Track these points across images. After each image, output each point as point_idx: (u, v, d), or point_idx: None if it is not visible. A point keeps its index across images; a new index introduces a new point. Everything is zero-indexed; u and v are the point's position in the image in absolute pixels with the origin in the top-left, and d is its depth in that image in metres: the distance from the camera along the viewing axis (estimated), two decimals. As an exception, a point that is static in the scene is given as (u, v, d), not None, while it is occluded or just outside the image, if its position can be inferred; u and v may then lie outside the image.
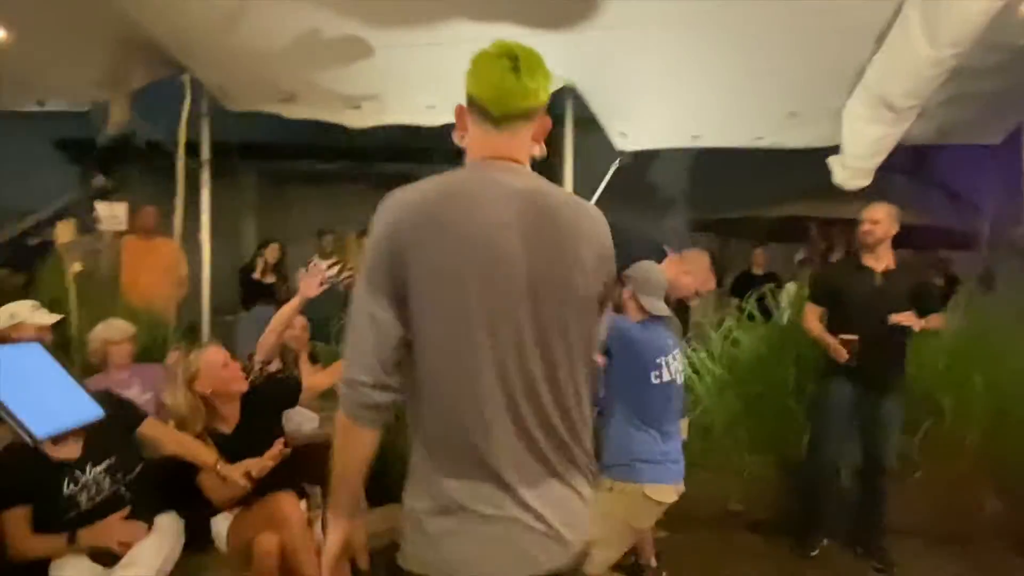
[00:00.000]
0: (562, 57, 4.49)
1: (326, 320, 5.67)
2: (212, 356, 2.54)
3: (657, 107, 4.75)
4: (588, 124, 5.01)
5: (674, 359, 2.48)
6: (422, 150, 8.43)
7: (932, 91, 3.86)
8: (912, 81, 3.78)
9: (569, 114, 5.05)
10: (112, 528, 2.13)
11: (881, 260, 3.41)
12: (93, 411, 2.11)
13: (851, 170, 4.52)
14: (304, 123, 5.11)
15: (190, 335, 4.75)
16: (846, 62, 4.03)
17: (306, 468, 2.75)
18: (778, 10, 3.75)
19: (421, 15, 4.07)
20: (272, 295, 6.02)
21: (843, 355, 3.27)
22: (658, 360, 2.42)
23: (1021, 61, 3.93)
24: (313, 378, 2.88)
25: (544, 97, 1.24)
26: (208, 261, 5.24)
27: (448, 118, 5.08)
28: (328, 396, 3.39)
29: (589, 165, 5.05)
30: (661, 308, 2.48)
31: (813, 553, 3.54)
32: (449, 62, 4.47)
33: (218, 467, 2.32)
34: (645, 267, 2.55)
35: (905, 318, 3.20)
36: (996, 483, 3.76)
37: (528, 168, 1.25)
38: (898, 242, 3.48)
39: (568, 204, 1.23)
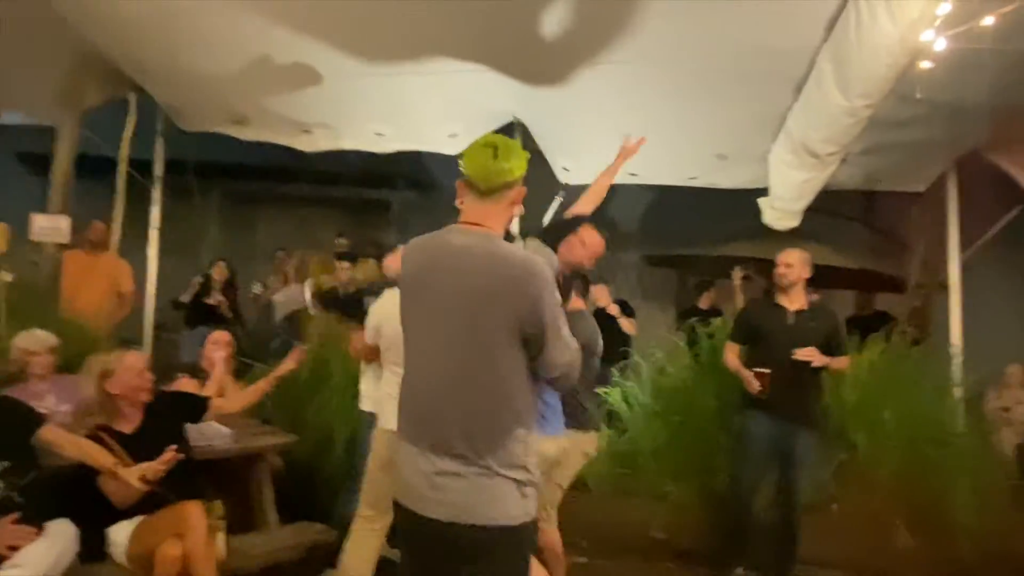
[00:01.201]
0: (509, 95, 4.68)
1: (264, 339, 5.70)
2: (132, 360, 2.61)
3: (596, 144, 4.91)
4: (537, 158, 5.17)
5: None
6: (385, 176, 8.63)
7: (852, 139, 4.05)
8: (830, 129, 3.98)
9: (517, 147, 5.22)
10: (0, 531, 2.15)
11: (794, 301, 3.56)
12: None
13: (779, 212, 4.74)
14: (268, 144, 5.21)
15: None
16: (769, 108, 4.25)
17: (211, 480, 2.80)
18: (707, 55, 3.97)
19: (373, 46, 4.23)
20: (216, 315, 6.02)
21: (755, 387, 3.40)
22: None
23: (937, 114, 4.15)
24: (224, 402, 2.95)
25: (518, 175, 1.69)
26: (154, 278, 5.29)
27: (398, 146, 5.20)
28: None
29: (540, 198, 5.21)
30: None
31: (728, 581, 3.61)
32: (398, 92, 4.71)
33: (115, 470, 2.35)
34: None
35: (807, 353, 3.34)
36: (908, 516, 3.87)
37: (490, 229, 1.67)
38: (831, 282, 3.64)
39: (485, 253, 1.63)
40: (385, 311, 2.72)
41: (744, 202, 5.19)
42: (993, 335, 5.32)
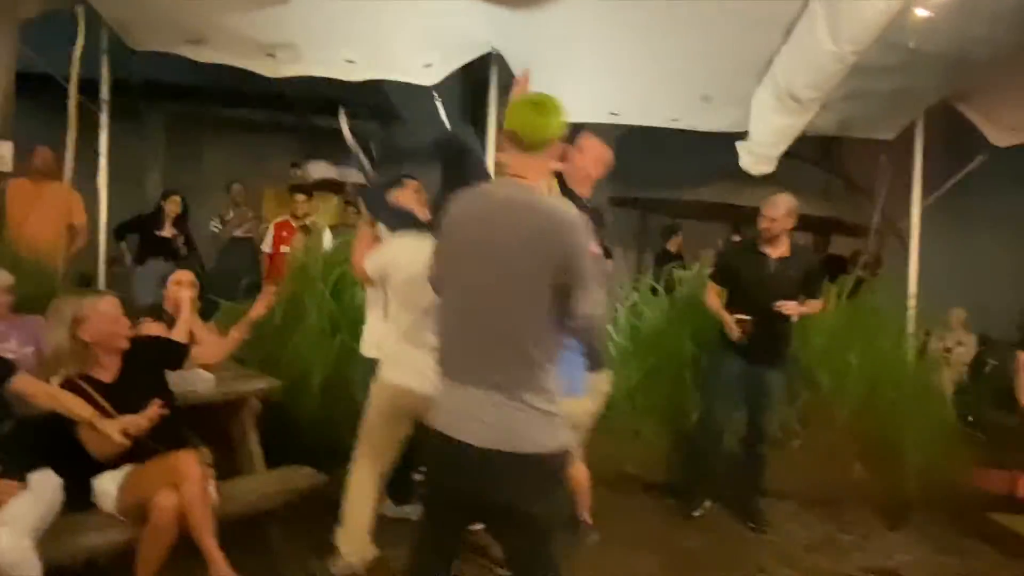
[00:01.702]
0: (488, 23, 4.47)
1: (235, 275, 5.50)
2: (106, 306, 2.47)
3: (578, 81, 4.76)
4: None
5: None
6: (345, 103, 8.23)
7: (834, 85, 4.06)
8: (815, 74, 3.97)
9: (494, 81, 5.03)
10: None
11: (777, 248, 3.61)
12: None
13: (756, 156, 4.74)
14: (214, 65, 4.84)
15: (82, 286, 4.51)
16: (756, 51, 4.19)
17: (197, 428, 2.72)
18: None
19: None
20: (170, 250, 5.75)
21: (736, 333, 3.47)
22: None
23: (917, 63, 4.18)
24: (203, 352, 2.82)
25: (558, 132, 1.80)
26: (105, 209, 4.96)
27: (369, 74, 4.93)
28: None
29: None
30: None
31: (696, 513, 3.79)
32: (372, 17, 4.42)
33: (94, 422, 2.26)
34: None
35: (789, 307, 3.43)
36: (863, 452, 4.12)
37: (532, 181, 1.77)
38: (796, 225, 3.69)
39: (525, 205, 1.72)
40: (393, 259, 2.61)
41: (712, 145, 5.19)
42: (942, 279, 5.58)
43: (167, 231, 5.65)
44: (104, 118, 4.74)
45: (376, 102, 8.26)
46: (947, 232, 6.20)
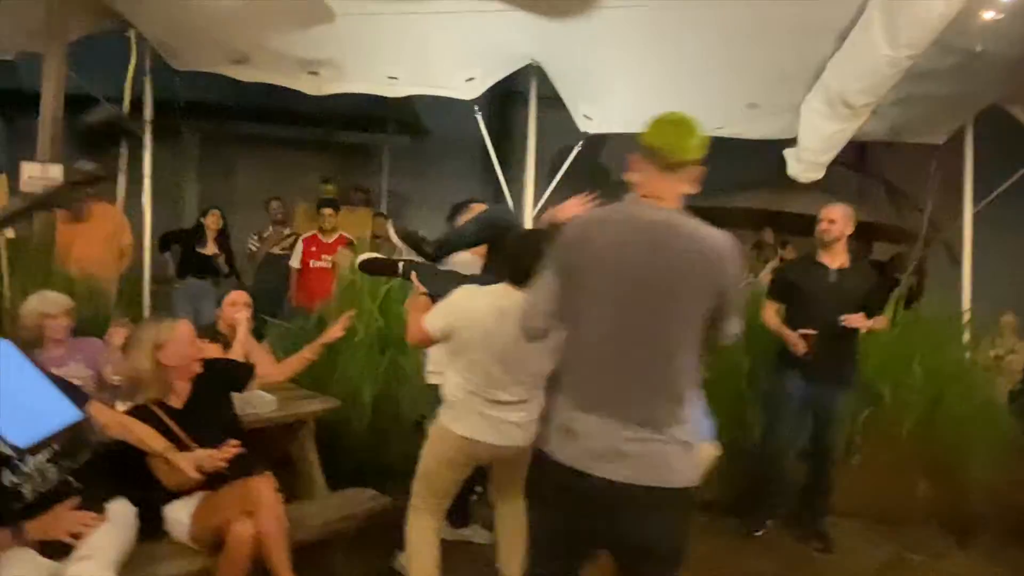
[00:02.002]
0: (529, 36, 4.44)
1: (275, 293, 5.49)
2: (183, 330, 2.45)
3: (622, 91, 4.74)
4: (553, 102, 4.97)
5: None
6: (376, 120, 8.26)
7: (887, 90, 3.98)
8: (869, 80, 3.88)
9: (533, 93, 5.00)
10: (61, 519, 2.00)
11: (836, 258, 3.51)
12: (71, 413, 1.96)
13: (805, 163, 4.65)
14: (252, 84, 4.85)
15: (132, 307, 4.52)
16: (807, 58, 4.12)
17: (258, 451, 2.68)
18: (744, 3, 3.79)
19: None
20: (211, 268, 5.75)
21: (801, 348, 3.37)
22: None
23: (970, 66, 4.08)
24: (269, 369, 2.79)
25: (700, 154, 1.71)
26: (149, 229, 4.99)
27: (412, 90, 4.91)
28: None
29: (553, 143, 5.04)
30: None
31: (758, 533, 3.68)
32: (413, 32, 4.41)
33: (168, 455, 2.22)
34: None
35: (856, 320, 3.32)
36: (927, 468, 3.99)
37: (668, 204, 1.70)
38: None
39: (683, 232, 1.66)
40: (462, 312, 2.42)
41: (756, 152, 5.11)
42: (990, 285, 5.44)
43: (209, 248, 5.66)
44: (148, 139, 4.76)
45: (402, 117, 8.31)
46: (993, 237, 6.06)
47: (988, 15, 3.28)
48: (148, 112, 4.77)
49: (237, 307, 3.37)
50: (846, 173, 6.83)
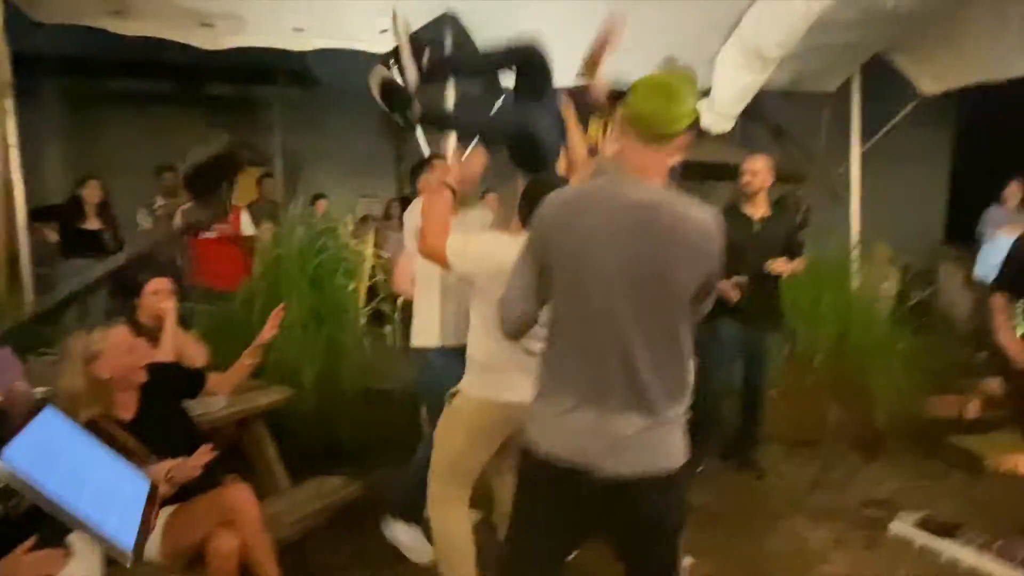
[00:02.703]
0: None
1: (175, 270, 5.02)
2: (118, 338, 2.20)
3: (545, 42, 4.62)
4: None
5: None
6: (262, 70, 7.60)
7: (797, 42, 4.16)
8: (785, 32, 4.04)
9: (448, 44, 4.78)
10: (20, 564, 1.77)
11: (759, 208, 3.71)
12: (142, 484, 1.72)
13: (718, 115, 4.81)
14: (110, 32, 4.25)
15: (12, 296, 4.00)
16: (725, 10, 4.20)
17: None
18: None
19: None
20: (96, 244, 5.17)
21: (733, 296, 3.56)
22: None
23: (865, 18, 4.35)
24: (219, 380, 2.56)
25: (689, 121, 1.56)
26: (23, 205, 4.38)
27: (321, 43, 4.55)
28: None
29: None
30: None
31: (699, 470, 3.93)
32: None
33: None
34: None
35: (780, 266, 3.56)
36: (836, 393, 4.41)
37: (653, 179, 1.58)
38: (725, 175, 3.78)
39: (672, 213, 1.56)
40: (478, 255, 2.19)
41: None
42: (865, 220, 5.96)
43: (92, 222, 5.05)
44: (9, 103, 4.13)
45: (289, 66, 7.71)
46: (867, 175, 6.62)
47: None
48: (6, 71, 4.12)
49: (161, 295, 3.06)
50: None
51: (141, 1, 3.94)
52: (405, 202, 7.74)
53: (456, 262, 2.19)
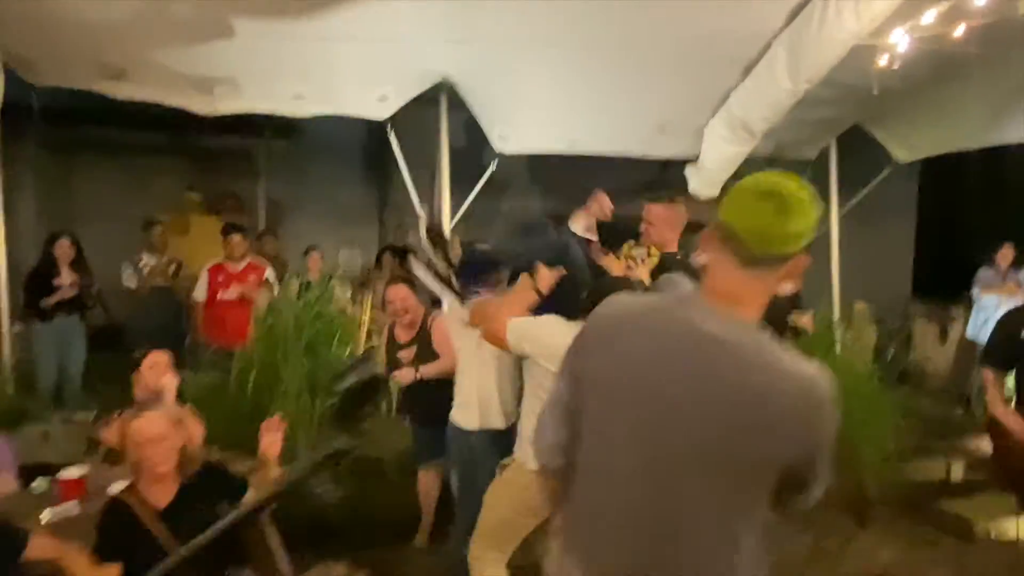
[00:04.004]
0: (443, 53, 4.30)
1: (163, 330, 4.89)
2: (146, 427, 2.12)
3: (536, 109, 4.74)
4: (470, 124, 4.89)
5: None
6: (248, 122, 7.57)
7: (782, 117, 4.33)
8: (771, 109, 4.22)
9: (443, 111, 4.85)
10: None
11: None
12: None
13: (705, 181, 4.97)
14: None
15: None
16: (715, 86, 4.38)
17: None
18: (659, 34, 3.94)
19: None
20: (74, 301, 5.01)
21: None
22: None
23: (846, 95, 4.56)
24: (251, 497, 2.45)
25: (807, 240, 1.18)
26: (4, 261, 4.28)
27: (320, 109, 4.57)
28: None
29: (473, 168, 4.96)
30: None
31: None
32: (322, 50, 4.10)
33: None
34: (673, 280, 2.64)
35: (806, 321, 3.64)
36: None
37: (744, 311, 1.20)
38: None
39: (749, 362, 1.15)
40: (535, 337, 2.29)
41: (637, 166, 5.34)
42: (846, 277, 6.14)
43: (66, 278, 4.89)
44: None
45: (278, 117, 7.71)
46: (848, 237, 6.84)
47: (883, 62, 3.66)
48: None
49: (159, 369, 3.00)
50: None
51: (139, 66, 3.94)
52: (393, 252, 7.76)
53: (514, 341, 2.30)
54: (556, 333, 2.23)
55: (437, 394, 3.23)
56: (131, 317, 5.21)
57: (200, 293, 4.93)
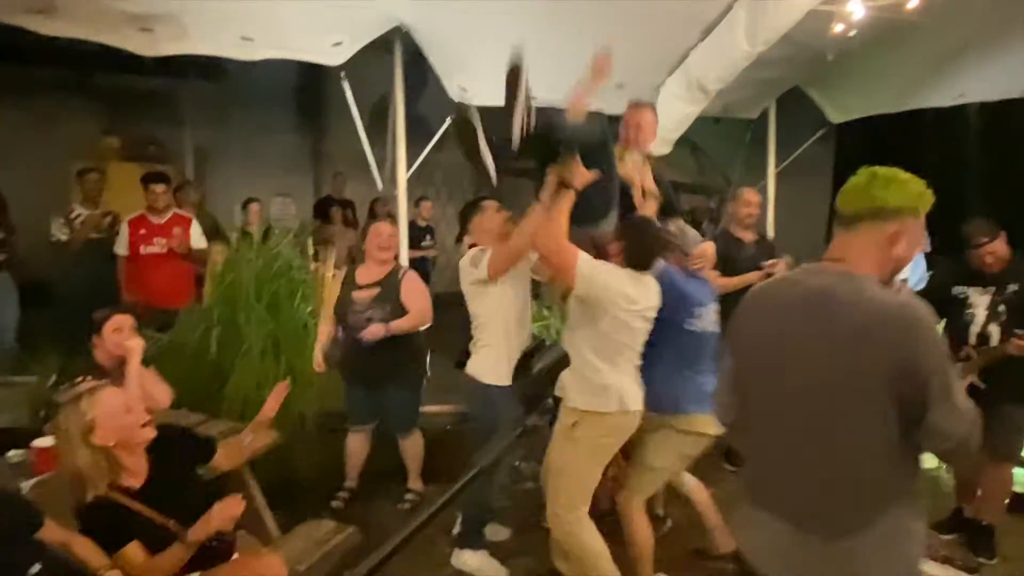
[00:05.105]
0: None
1: (103, 287, 4.57)
2: (110, 400, 2.01)
3: (490, 60, 4.64)
4: (430, 76, 4.75)
5: (708, 311, 2.65)
6: (169, 62, 7.02)
7: (735, 77, 4.46)
8: (727, 70, 4.33)
9: (398, 57, 4.69)
10: None
11: (748, 233, 4.02)
12: None
13: (658, 140, 5.05)
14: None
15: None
16: (674, 46, 4.43)
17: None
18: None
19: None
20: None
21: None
22: (695, 310, 2.59)
23: (793, 56, 4.73)
24: (226, 458, 2.37)
25: (892, 204, 1.41)
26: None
27: (270, 53, 4.37)
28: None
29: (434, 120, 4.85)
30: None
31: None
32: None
33: (102, 572, 1.86)
34: (681, 226, 2.82)
35: (781, 267, 3.85)
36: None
37: (851, 267, 1.42)
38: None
39: (845, 302, 1.39)
40: (604, 284, 2.37)
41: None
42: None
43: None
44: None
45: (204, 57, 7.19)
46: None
47: (839, 29, 3.82)
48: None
49: (123, 333, 2.85)
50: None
51: (70, 1, 3.58)
52: (328, 202, 7.47)
53: (582, 284, 2.35)
54: (618, 280, 2.39)
55: (377, 355, 3.28)
56: (63, 273, 4.84)
57: (121, 247, 4.53)
